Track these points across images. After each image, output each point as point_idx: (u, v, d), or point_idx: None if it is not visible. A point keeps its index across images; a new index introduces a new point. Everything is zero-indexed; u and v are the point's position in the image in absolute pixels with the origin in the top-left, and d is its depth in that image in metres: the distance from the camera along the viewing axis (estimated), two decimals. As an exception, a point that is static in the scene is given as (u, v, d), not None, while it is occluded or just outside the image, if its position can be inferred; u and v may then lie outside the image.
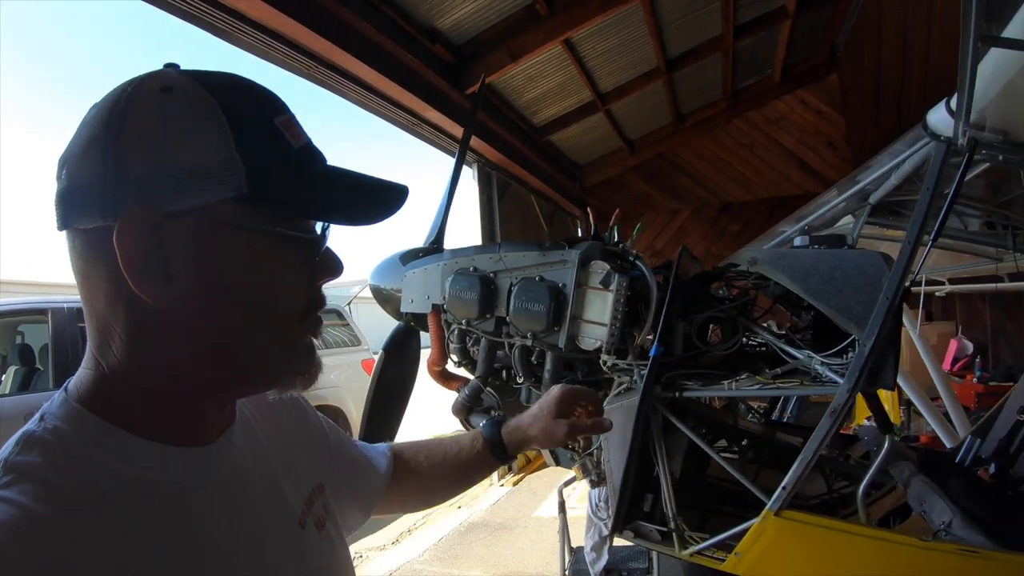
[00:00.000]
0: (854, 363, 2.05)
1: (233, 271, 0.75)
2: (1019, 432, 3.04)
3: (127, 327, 0.74)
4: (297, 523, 0.93)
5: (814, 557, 2.21)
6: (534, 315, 2.58)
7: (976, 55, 1.69)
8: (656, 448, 2.38)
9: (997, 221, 3.46)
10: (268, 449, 0.95)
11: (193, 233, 0.72)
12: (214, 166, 0.71)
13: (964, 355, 7.33)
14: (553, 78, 7.54)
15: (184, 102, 0.72)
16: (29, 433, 0.72)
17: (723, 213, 10.62)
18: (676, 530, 2.35)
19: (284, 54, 4.44)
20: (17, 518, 0.63)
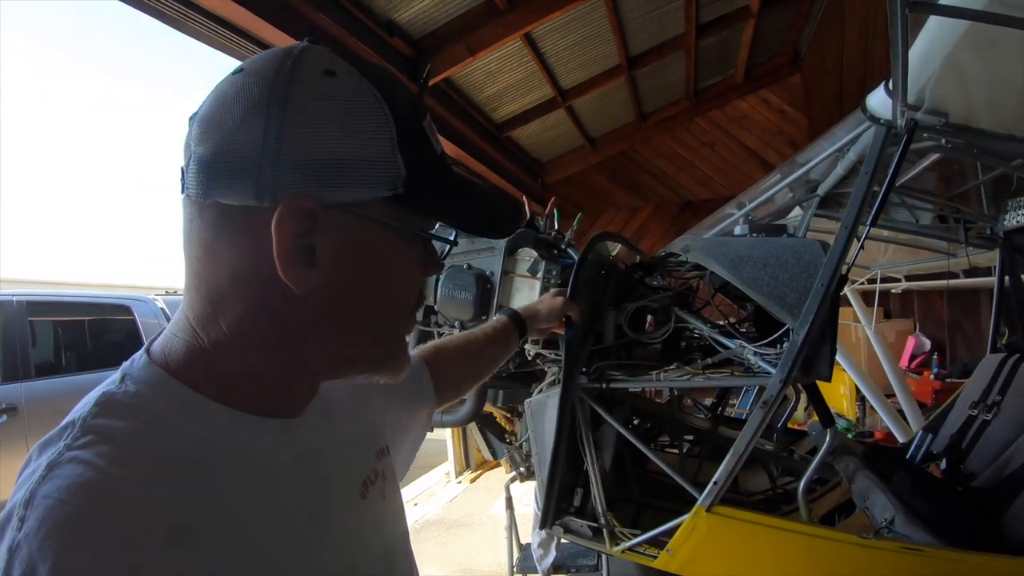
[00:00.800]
0: (787, 353, 1.98)
1: (373, 265, 0.77)
2: (970, 428, 3.02)
3: (250, 305, 0.74)
4: (359, 492, 0.94)
5: (748, 553, 2.13)
6: (461, 303, 2.53)
7: (906, 25, 1.61)
8: (584, 441, 2.30)
9: (949, 215, 3.43)
10: (337, 427, 0.96)
11: (345, 226, 0.73)
12: (378, 162, 0.72)
13: (922, 352, 7.37)
14: (513, 74, 7.44)
15: (350, 90, 0.72)
16: (109, 394, 0.72)
17: (684, 211, 10.57)
18: (607, 526, 2.28)
19: (237, 44, 4.26)
20: (92, 479, 0.63)
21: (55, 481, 0.63)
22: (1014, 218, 3.27)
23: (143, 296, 6.70)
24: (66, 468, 0.64)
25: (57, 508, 0.61)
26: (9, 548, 0.59)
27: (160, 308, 6.60)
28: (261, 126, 0.68)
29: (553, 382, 2.49)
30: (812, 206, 3.24)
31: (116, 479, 0.64)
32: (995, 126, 2.17)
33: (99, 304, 6.29)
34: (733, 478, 2.08)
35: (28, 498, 0.62)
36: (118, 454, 0.66)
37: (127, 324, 6.28)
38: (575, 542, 2.43)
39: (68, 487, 0.62)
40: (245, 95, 0.70)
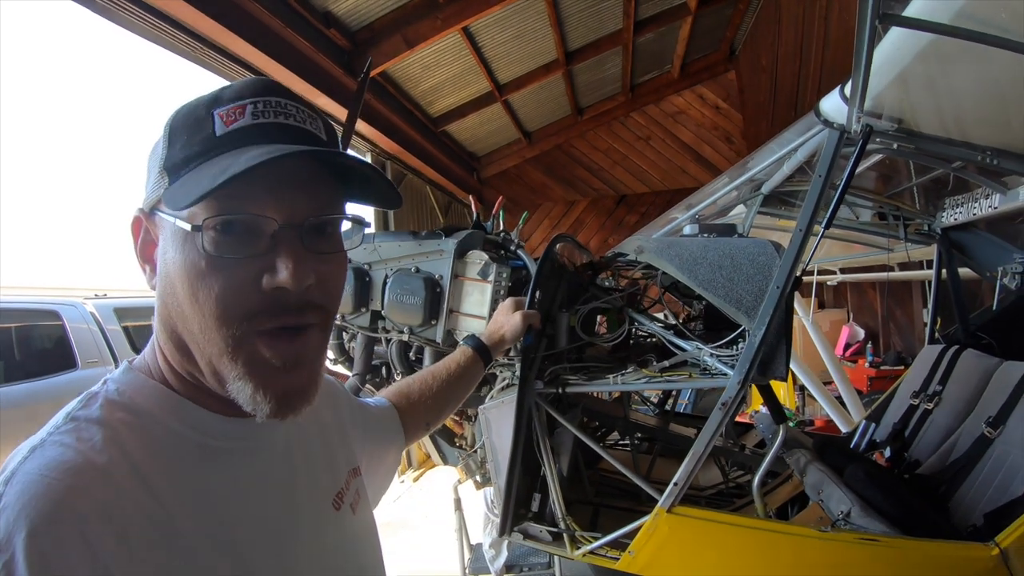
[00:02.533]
0: (744, 354, 1.97)
1: (167, 259, 0.80)
2: (912, 417, 3.08)
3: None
4: (332, 504, 0.98)
5: (709, 552, 2.13)
6: (409, 309, 2.47)
7: (874, 34, 1.62)
8: (541, 446, 2.26)
9: (888, 212, 3.50)
10: (311, 432, 1.00)
11: (161, 229, 0.81)
12: (156, 159, 0.81)
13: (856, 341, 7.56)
14: (451, 68, 7.40)
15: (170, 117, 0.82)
16: (92, 393, 0.79)
17: (620, 205, 10.70)
18: (567, 531, 2.25)
19: (170, 35, 4.13)
20: (73, 458, 0.68)
21: (36, 460, 0.68)
22: (951, 215, 3.35)
23: (72, 300, 6.27)
24: (48, 449, 0.69)
25: (36, 483, 0.65)
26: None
27: (90, 312, 6.20)
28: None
29: (505, 387, 2.46)
30: (756, 204, 3.27)
31: (96, 460, 0.69)
32: (944, 132, 2.21)
33: (25, 310, 5.89)
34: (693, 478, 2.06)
35: (8, 476, 0.66)
36: (98, 439, 0.71)
37: (56, 330, 5.90)
38: (536, 547, 2.39)
39: (49, 464, 0.67)
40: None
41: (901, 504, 2.18)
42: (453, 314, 2.44)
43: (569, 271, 2.53)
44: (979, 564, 1.92)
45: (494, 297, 2.37)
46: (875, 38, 1.64)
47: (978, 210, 3.12)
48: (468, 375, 1.65)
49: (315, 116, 0.86)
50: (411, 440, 1.43)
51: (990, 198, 3.00)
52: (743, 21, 9.06)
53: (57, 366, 5.68)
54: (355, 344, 2.77)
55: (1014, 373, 2.59)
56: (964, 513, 2.37)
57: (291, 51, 5.06)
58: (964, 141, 2.24)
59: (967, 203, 3.24)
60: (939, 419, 2.98)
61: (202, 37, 4.32)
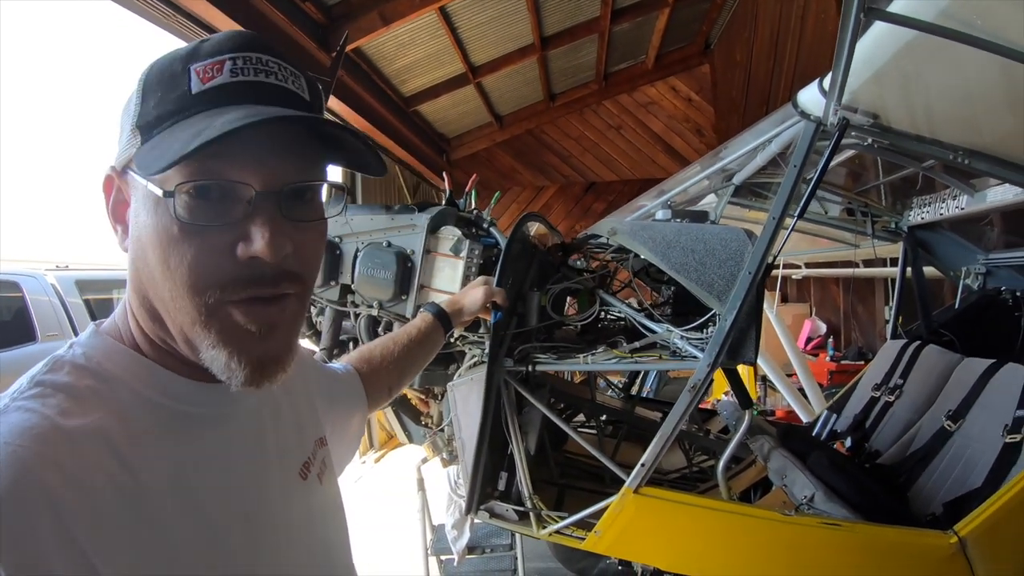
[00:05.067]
0: (714, 338, 1.99)
1: (138, 222, 0.77)
2: (873, 408, 3.14)
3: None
4: (299, 473, 0.96)
5: (675, 533, 2.17)
6: (380, 283, 2.45)
7: (857, 27, 1.62)
8: (509, 424, 2.27)
9: (857, 208, 3.55)
10: (280, 399, 0.97)
11: (133, 188, 0.78)
12: (127, 126, 0.77)
13: (817, 335, 7.65)
14: (425, 47, 7.33)
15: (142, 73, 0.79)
16: (58, 357, 0.76)
17: (588, 192, 10.77)
18: (533, 510, 2.26)
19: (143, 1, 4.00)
20: (37, 423, 0.65)
21: (0, 427, 0.64)
22: (918, 214, 3.41)
23: (32, 272, 6.17)
24: (12, 416, 0.66)
25: (1, 450, 0.62)
26: None
27: (51, 284, 6.10)
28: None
29: (474, 364, 2.46)
30: (727, 194, 3.29)
31: (62, 426, 0.66)
32: (917, 130, 2.24)
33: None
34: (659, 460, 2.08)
35: None
36: (67, 405, 0.69)
37: (15, 302, 5.80)
38: (500, 526, 2.40)
39: (12, 431, 0.64)
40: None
41: (863, 491, 2.23)
42: (424, 289, 2.43)
43: (541, 251, 2.53)
44: (938, 551, 1.96)
45: (466, 273, 2.37)
46: (858, 32, 1.65)
47: (945, 210, 3.18)
48: (429, 341, 1.65)
49: (298, 74, 0.81)
50: (374, 406, 1.43)
51: (957, 199, 3.06)
52: (719, 16, 9.14)
53: (16, 338, 5.59)
54: (323, 318, 2.74)
55: (974, 369, 2.66)
56: (923, 502, 2.43)
57: (265, 22, 4.93)
58: (937, 140, 2.27)
59: (935, 203, 3.30)
60: (900, 411, 3.04)
61: (180, 7, 4.20)
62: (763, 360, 4.89)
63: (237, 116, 0.69)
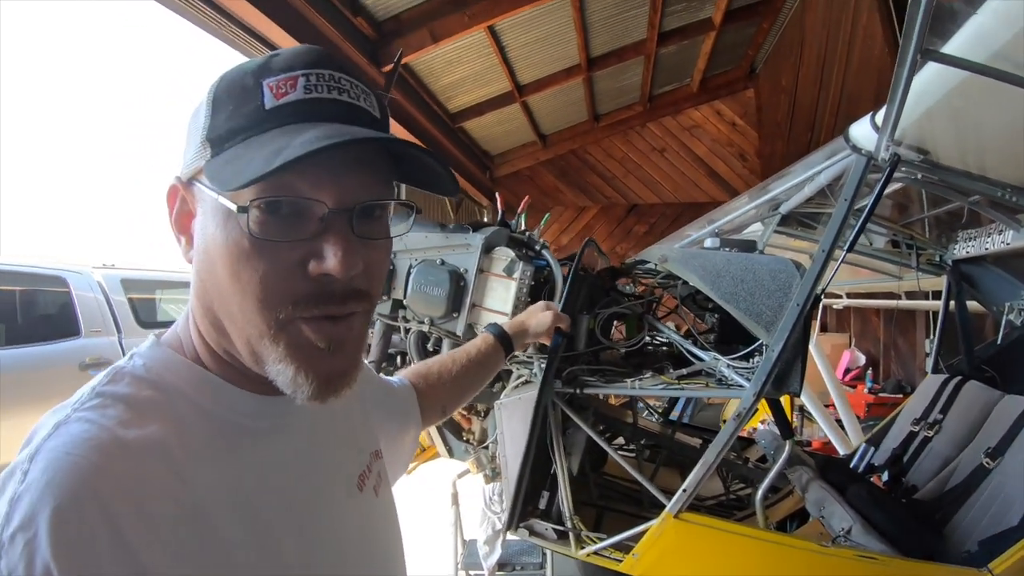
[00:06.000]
0: (761, 368, 2.03)
1: (206, 234, 0.77)
2: (912, 443, 3.13)
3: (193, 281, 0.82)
4: (356, 485, 0.97)
5: (712, 559, 2.20)
6: (433, 300, 2.50)
7: (913, 68, 1.66)
8: (555, 444, 2.31)
9: (902, 240, 3.54)
10: (336, 412, 0.97)
11: (195, 198, 0.79)
12: (196, 129, 0.78)
13: (856, 366, 7.56)
14: (473, 64, 7.39)
15: (213, 83, 0.79)
16: (119, 368, 0.77)
17: (630, 214, 10.72)
18: (573, 530, 2.31)
19: (198, 9, 4.15)
20: (98, 435, 0.66)
21: (61, 437, 0.65)
22: (963, 248, 3.40)
23: (80, 268, 6.27)
24: (73, 426, 0.67)
25: (61, 460, 0.63)
26: (10, 499, 0.60)
27: (97, 282, 6.23)
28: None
29: (521, 383, 2.51)
30: (773, 222, 3.31)
31: (122, 438, 0.67)
32: (966, 166, 2.27)
33: (32, 275, 5.87)
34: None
35: (33, 452, 0.64)
36: (127, 416, 0.70)
37: (62, 297, 5.92)
38: (540, 544, 2.44)
39: (74, 441, 0.65)
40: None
41: (901, 526, 2.25)
42: (476, 308, 2.48)
43: (591, 275, 2.57)
44: (973, 589, 1.98)
45: (517, 295, 2.41)
46: (914, 71, 1.68)
47: (990, 245, 3.16)
48: (488, 362, 1.63)
49: (368, 91, 0.81)
50: (426, 423, 1.42)
51: (1003, 234, 3.04)
52: (765, 40, 9.12)
53: (61, 332, 5.70)
54: (372, 331, 2.79)
55: (1015, 407, 2.65)
56: (959, 539, 2.42)
57: (318, 36, 5.05)
58: (985, 177, 2.30)
59: (979, 237, 3.28)
60: (938, 447, 3.02)
61: (229, 13, 4.32)
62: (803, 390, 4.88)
63: (317, 135, 0.69)
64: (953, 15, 1.56)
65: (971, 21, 1.55)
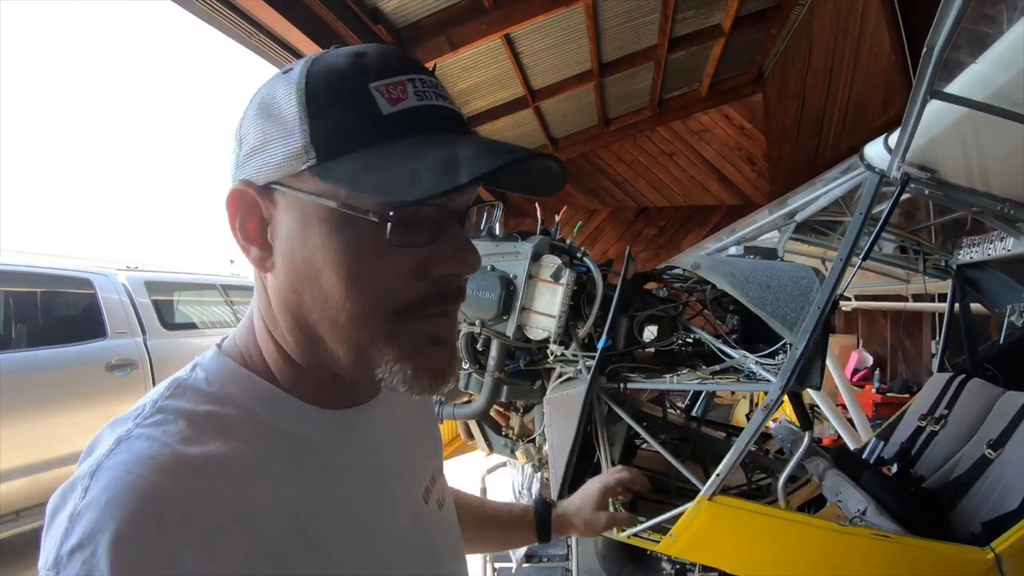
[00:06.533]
0: (787, 364, 2.23)
1: (310, 242, 0.73)
2: (919, 437, 3.33)
3: (262, 290, 0.80)
4: (422, 497, 0.96)
5: (742, 539, 2.41)
6: (484, 303, 2.64)
7: (924, 105, 1.89)
8: (599, 436, 2.52)
9: (909, 246, 3.74)
10: (402, 426, 0.97)
11: (282, 203, 0.74)
12: (286, 136, 0.71)
13: (864, 367, 7.74)
14: (488, 70, 7.52)
15: (284, 80, 0.74)
16: (180, 380, 0.76)
17: (640, 217, 10.84)
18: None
19: (227, 18, 4.25)
20: (160, 453, 0.65)
21: (122, 455, 0.65)
22: (967, 254, 3.61)
23: (104, 270, 6.41)
24: (135, 443, 0.67)
25: (122, 478, 0.62)
26: (71, 515, 0.61)
27: (122, 284, 6.36)
28: (237, 128, 0.77)
29: (565, 380, 2.69)
30: (789, 230, 3.52)
31: (184, 456, 0.66)
32: (969, 183, 2.50)
33: (58, 277, 5.95)
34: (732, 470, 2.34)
35: (94, 469, 0.64)
36: (188, 433, 0.69)
37: (88, 298, 6.01)
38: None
39: (135, 460, 0.64)
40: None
41: (911, 508, 2.46)
42: (525, 311, 2.64)
43: (627, 280, 2.75)
44: (976, 565, 2.20)
45: (564, 298, 2.58)
46: (924, 107, 1.91)
47: (993, 251, 3.36)
48: (512, 536, 1.54)
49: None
50: None
51: (1004, 240, 3.24)
52: (774, 46, 9.27)
53: (87, 333, 5.80)
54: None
55: (1015, 401, 2.85)
56: (964, 523, 2.63)
57: (342, 45, 5.11)
58: (988, 192, 2.52)
59: (983, 243, 3.48)
60: (944, 440, 3.22)
61: (261, 24, 4.43)
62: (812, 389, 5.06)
63: (472, 153, 0.68)
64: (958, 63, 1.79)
65: (971, 68, 1.79)
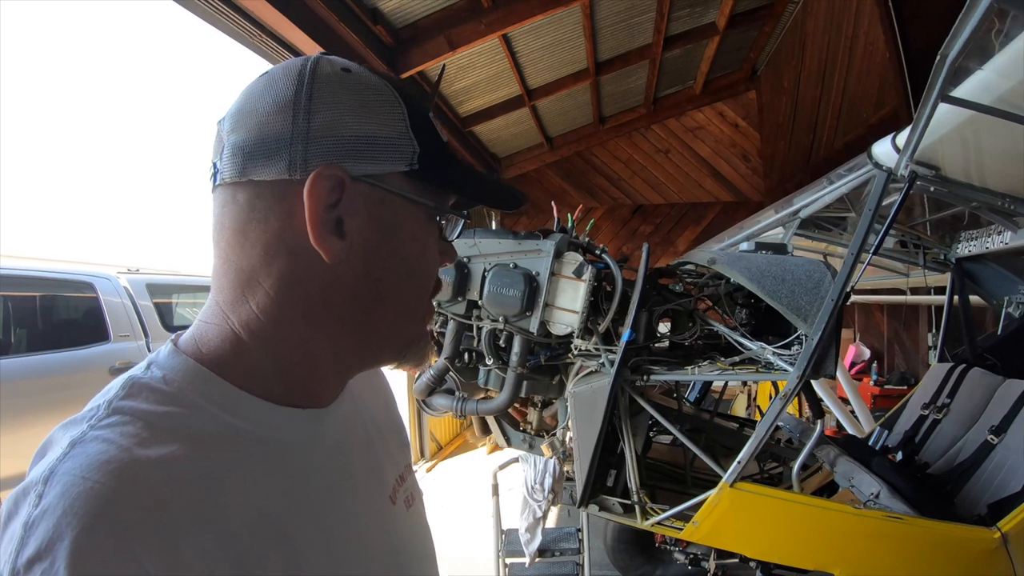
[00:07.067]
0: (803, 354, 2.34)
1: (397, 238, 0.78)
2: (922, 425, 3.45)
3: (281, 281, 0.75)
4: (388, 497, 0.95)
5: (764, 523, 2.51)
6: (509, 300, 2.70)
7: (935, 108, 2.00)
8: (623, 427, 2.60)
9: (910, 240, 3.85)
10: (368, 423, 0.97)
11: (368, 197, 0.75)
12: (395, 140, 0.75)
13: (861, 360, 7.86)
14: (485, 70, 7.56)
15: (366, 82, 0.77)
16: (136, 379, 0.72)
17: (635, 214, 10.92)
18: (639, 503, 2.59)
19: (232, 20, 4.28)
20: (116, 457, 0.62)
21: (76, 459, 0.62)
22: (966, 247, 3.72)
23: (105, 273, 6.24)
24: (89, 446, 0.63)
25: (78, 485, 0.60)
26: (25, 524, 0.58)
27: (124, 287, 6.24)
28: (291, 111, 0.72)
29: (587, 374, 2.75)
30: (793, 226, 3.62)
31: (141, 460, 0.63)
32: (972, 180, 2.62)
33: (60, 280, 5.84)
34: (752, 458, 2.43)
35: (47, 475, 0.61)
36: (144, 435, 0.65)
37: (90, 302, 5.90)
38: (607, 518, 2.69)
39: (90, 464, 0.61)
40: (273, 89, 0.74)
41: (921, 491, 2.57)
42: (548, 307, 2.70)
43: (647, 275, 2.80)
44: (983, 544, 2.33)
45: (586, 294, 2.64)
46: (934, 110, 2.02)
47: (990, 244, 3.48)
48: None
49: None
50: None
51: (1002, 234, 3.35)
52: (767, 43, 9.38)
53: (90, 338, 5.70)
54: (445, 330, 2.99)
55: (1015, 389, 2.98)
56: (970, 505, 2.74)
57: (342, 44, 5.20)
58: (987, 188, 2.63)
59: (980, 237, 3.60)
60: (947, 428, 3.33)
61: (261, 23, 4.42)
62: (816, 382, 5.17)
63: (493, 181, 0.88)
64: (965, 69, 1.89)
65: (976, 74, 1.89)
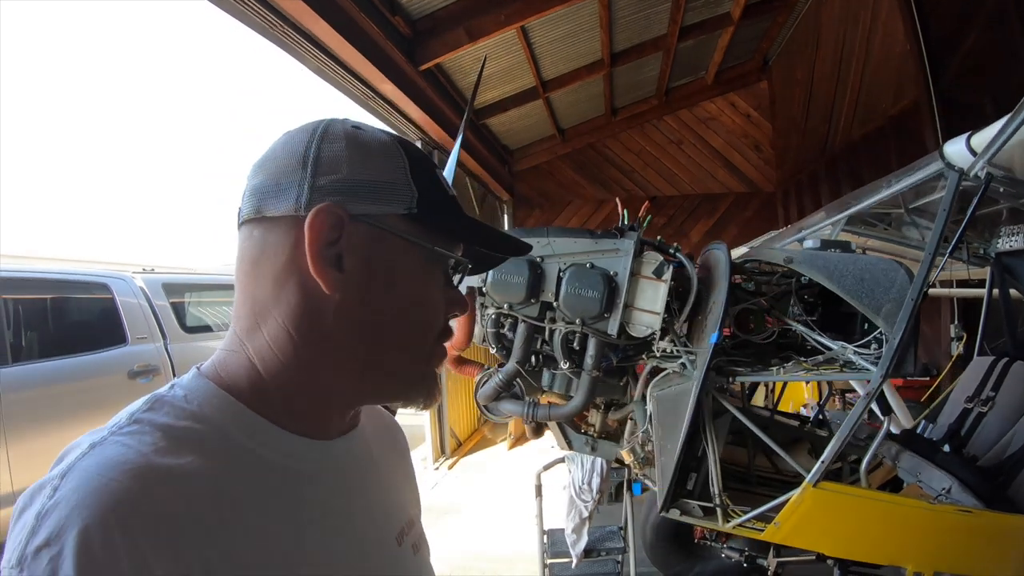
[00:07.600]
0: (886, 353, 2.37)
1: (394, 276, 0.83)
2: (967, 418, 3.49)
3: (288, 312, 0.79)
4: (395, 538, 0.96)
5: (843, 522, 2.55)
6: (587, 301, 2.66)
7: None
8: (707, 430, 2.61)
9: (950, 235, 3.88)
10: (379, 464, 1.00)
11: (367, 235, 0.80)
12: (395, 185, 0.81)
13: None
14: (501, 61, 7.57)
15: (372, 137, 0.84)
16: (159, 396, 0.76)
17: (649, 206, 10.86)
18: (721, 505, 2.61)
19: (255, 12, 4.28)
20: (133, 459, 0.66)
21: (95, 458, 0.65)
22: (1006, 242, 3.76)
23: (121, 274, 6.18)
24: (108, 448, 0.67)
25: (93, 480, 0.63)
26: (38, 514, 0.61)
27: (140, 287, 6.13)
28: (302, 157, 0.79)
29: (664, 376, 2.76)
30: (841, 223, 3.65)
31: (157, 466, 0.66)
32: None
33: (75, 282, 5.78)
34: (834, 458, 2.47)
35: (65, 471, 0.64)
36: (163, 444, 0.69)
37: (106, 303, 5.80)
38: (688, 521, 2.70)
39: (108, 464, 0.65)
40: (290, 142, 0.82)
41: (989, 485, 2.62)
42: (628, 308, 2.67)
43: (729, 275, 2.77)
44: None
45: (666, 295, 2.62)
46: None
47: (1032, 239, 3.54)
48: None
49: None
50: None
51: (1044, 230, 3.42)
52: (779, 34, 9.40)
53: (107, 340, 5.60)
54: (514, 333, 2.91)
55: (1058, 382, 3.00)
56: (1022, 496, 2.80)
57: (360, 34, 5.18)
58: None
59: (1020, 233, 3.65)
60: (993, 421, 3.36)
61: (280, 11, 4.40)
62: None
63: (497, 231, 0.97)
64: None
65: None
